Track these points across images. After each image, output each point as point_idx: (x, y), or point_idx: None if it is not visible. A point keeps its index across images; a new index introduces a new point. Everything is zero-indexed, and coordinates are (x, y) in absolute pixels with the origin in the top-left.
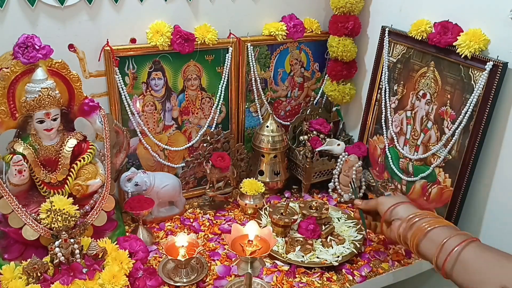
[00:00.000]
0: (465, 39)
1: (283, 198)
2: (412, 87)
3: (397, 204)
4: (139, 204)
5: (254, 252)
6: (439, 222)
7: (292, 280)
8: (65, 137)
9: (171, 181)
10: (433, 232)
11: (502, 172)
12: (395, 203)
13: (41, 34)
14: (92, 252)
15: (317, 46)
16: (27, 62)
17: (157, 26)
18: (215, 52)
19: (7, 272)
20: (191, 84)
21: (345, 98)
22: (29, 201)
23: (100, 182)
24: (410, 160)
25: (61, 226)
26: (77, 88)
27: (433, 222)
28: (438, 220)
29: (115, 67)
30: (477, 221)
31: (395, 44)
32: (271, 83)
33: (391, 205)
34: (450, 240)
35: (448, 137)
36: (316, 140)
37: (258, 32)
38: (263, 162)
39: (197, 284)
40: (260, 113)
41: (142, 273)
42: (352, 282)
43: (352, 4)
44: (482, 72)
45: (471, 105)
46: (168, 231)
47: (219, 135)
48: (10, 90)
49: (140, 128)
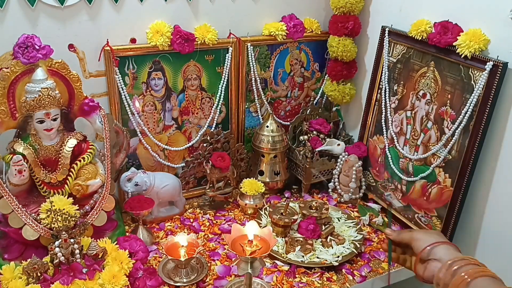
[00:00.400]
0: (465, 39)
1: (283, 198)
2: (412, 87)
3: (437, 244)
4: (139, 204)
5: (254, 252)
6: (481, 272)
7: (292, 280)
8: (65, 137)
9: (171, 181)
10: (475, 284)
11: (502, 172)
12: (434, 242)
13: (41, 34)
14: (92, 252)
15: (317, 46)
16: (27, 62)
17: (157, 26)
18: (215, 52)
19: (7, 272)
20: (191, 84)
21: (345, 98)
22: (29, 201)
23: (100, 182)
24: (410, 160)
25: (61, 226)
26: (77, 88)
27: (475, 272)
28: (480, 269)
29: (115, 67)
30: (477, 221)
31: (395, 44)
32: (271, 83)
33: (430, 244)
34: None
35: (448, 137)
36: (316, 140)
37: (258, 32)
38: (263, 162)
39: (197, 284)
40: (260, 113)
41: (142, 273)
42: (352, 282)
43: (352, 4)
44: (482, 72)
45: (471, 105)
46: (168, 231)
47: (219, 135)
48: (10, 90)
49: (140, 128)
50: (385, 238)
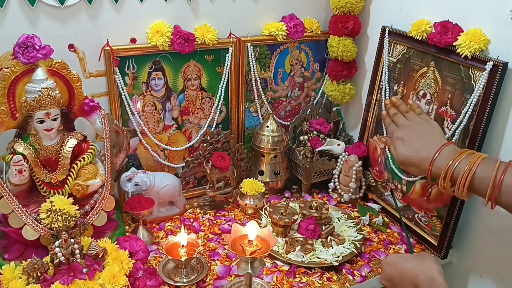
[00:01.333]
0: (465, 39)
1: (283, 198)
2: (412, 87)
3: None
4: (139, 204)
5: (254, 252)
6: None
7: (292, 280)
8: (65, 137)
9: (171, 181)
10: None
11: None
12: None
13: (41, 34)
14: (92, 252)
15: (317, 46)
16: (27, 62)
17: (157, 26)
18: (215, 52)
19: (7, 272)
20: (191, 84)
21: (345, 98)
22: (29, 201)
23: (100, 182)
24: None
25: (61, 226)
26: (77, 88)
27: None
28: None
29: (115, 67)
30: (477, 221)
31: (395, 44)
32: (271, 83)
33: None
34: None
35: (448, 137)
36: (316, 140)
37: (258, 32)
38: (263, 162)
39: (197, 284)
40: (260, 113)
41: (142, 273)
42: (352, 282)
43: (352, 4)
44: (482, 72)
45: (471, 105)
46: (168, 231)
47: (219, 135)
48: (10, 90)
49: (140, 128)
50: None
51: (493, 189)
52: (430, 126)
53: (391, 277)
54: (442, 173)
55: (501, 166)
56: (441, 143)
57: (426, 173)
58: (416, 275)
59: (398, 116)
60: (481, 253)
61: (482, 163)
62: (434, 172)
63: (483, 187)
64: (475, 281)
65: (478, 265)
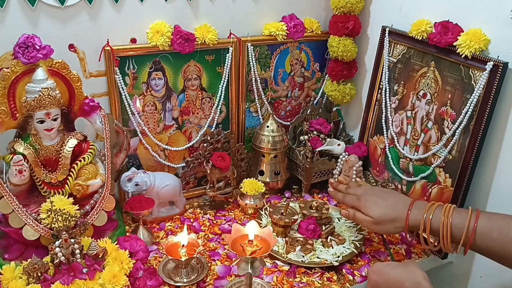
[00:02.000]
0: (466, 39)
1: (283, 198)
2: (413, 87)
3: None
4: (139, 204)
5: (254, 252)
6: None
7: (292, 280)
8: (65, 137)
9: (172, 181)
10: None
11: (502, 172)
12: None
13: (42, 34)
14: (92, 252)
15: (317, 46)
16: (27, 62)
17: (157, 26)
18: (215, 52)
19: (7, 272)
20: (191, 84)
21: (345, 98)
22: (29, 201)
23: (100, 182)
24: (410, 160)
25: (62, 226)
26: (78, 88)
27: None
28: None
29: (116, 67)
30: None
31: (395, 44)
32: (271, 83)
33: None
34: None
35: (449, 137)
36: (316, 140)
37: (259, 32)
38: (263, 162)
39: (197, 284)
40: (261, 113)
41: (142, 273)
42: (352, 282)
43: (352, 4)
44: (483, 72)
45: (472, 105)
46: (168, 231)
47: (220, 135)
48: (10, 90)
49: (141, 128)
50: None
51: (468, 235)
52: (385, 188)
53: (378, 285)
54: (421, 225)
55: (473, 214)
56: (408, 198)
57: (402, 228)
58: (402, 282)
59: (353, 188)
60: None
61: (455, 211)
62: (411, 224)
63: (459, 234)
64: (475, 281)
65: (478, 265)
